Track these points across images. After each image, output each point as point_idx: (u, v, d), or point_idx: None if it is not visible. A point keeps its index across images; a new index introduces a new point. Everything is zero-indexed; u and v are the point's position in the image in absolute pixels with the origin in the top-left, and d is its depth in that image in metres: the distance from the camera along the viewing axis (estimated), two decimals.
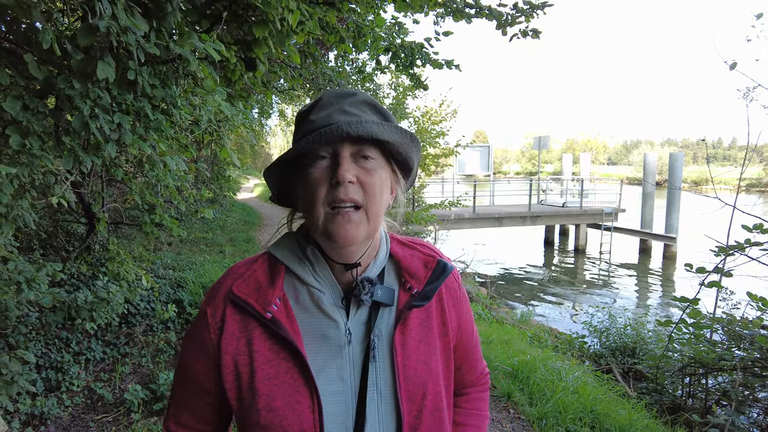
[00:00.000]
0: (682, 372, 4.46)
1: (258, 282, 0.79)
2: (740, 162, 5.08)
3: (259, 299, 0.77)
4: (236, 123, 3.12)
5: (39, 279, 2.76)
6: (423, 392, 0.80)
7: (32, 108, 1.72)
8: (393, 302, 0.82)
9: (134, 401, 3.13)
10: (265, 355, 0.75)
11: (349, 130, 0.71)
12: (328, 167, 0.75)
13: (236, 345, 0.76)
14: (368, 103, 0.80)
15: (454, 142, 11.35)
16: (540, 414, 3.29)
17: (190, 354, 0.82)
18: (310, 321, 0.78)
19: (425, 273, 0.85)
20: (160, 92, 2.11)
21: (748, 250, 3.80)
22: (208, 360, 0.79)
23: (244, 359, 0.76)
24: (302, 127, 0.79)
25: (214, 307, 0.79)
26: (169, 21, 1.93)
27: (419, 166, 9.12)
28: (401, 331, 0.81)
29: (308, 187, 0.75)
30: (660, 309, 10.52)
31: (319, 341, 0.77)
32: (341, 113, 0.76)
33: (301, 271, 0.80)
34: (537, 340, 5.81)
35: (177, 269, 5.72)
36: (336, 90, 0.81)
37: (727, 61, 4.24)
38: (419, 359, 0.81)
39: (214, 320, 0.78)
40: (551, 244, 18.54)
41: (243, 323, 0.77)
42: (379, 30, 4.06)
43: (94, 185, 4.30)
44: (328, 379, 0.76)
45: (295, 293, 0.80)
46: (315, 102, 0.81)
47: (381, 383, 0.77)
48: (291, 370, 0.75)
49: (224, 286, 0.81)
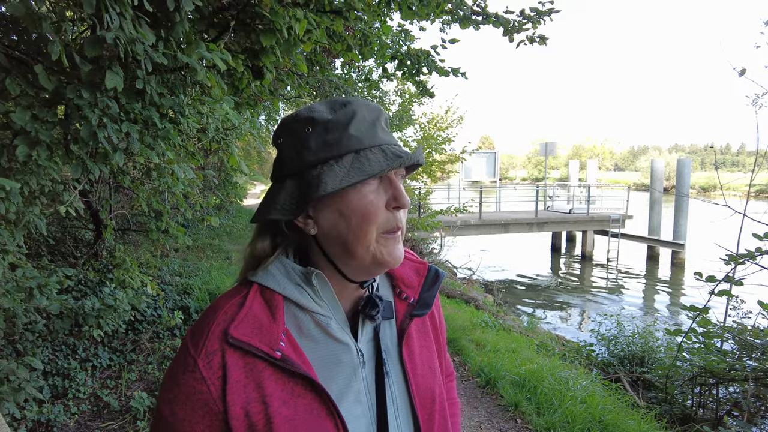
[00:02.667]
0: (693, 382, 4.40)
1: (258, 320, 0.69)
2: (749, 168, 5.04)
3: (263, 339, 0.68)
4: (243, 131, 3.13)
5: (50, 285, 2.78)
6: (432, 396, 0.82)
7: (41, 118, 1.73)
8: (392, 314, 0.81)
9: (140, 409, 3.13)
10: (279, 397, 0.67)
11: (419, 159, 0.72)
12: (380, 189, 0.72)
13: (245, 393, 0.66)
14: (387, 120, 0.80)
15: (460, 149, 11.34)
16: (548, 424, 3.25)
17: (181, 414, 0.66)
18: (319, 349, 0.73)
19: (418, 280, 0.85)
20: (167, 101, 2.12)
21: (759, 259, 3.75)
22: (209, 418, 0.66)
23: (257, 406, 0.66)
24: (341, 138, 0.70)
25: (207, 356, 0.67)
26: (177, 31, 1.94)
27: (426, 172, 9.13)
28: (406, 341, 0.81)
29: (357, 210, 0.69)
30: (669, 317, 10.42)
31: (332, 368, 0.73)
32: (383, 131, 0.74)
33: (302, 299, 0.73)
34: (544, 349, 5.75)
35: (184, 276, 5.74)
36: (362, 101, 0.75)
37: (735, 68, 4.22)
38: (425, 365, 0.83)
39: (211, 371, 0.66)
40: (558, 251, 18.44)
41: (248, 368, 0.67)
42: (385, 38, 4.07)
43: (101, 192, 4.33)
44: (349, 405, 0.72)
45: (297, 324, 0.73)
46: (346, 112, 0.72)
47: (397, 397, 0.78)
48: (309, 405, 0.69)
49: (216, 330, 0.68)
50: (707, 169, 75.88)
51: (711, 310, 4.12)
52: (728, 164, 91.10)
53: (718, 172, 5.69)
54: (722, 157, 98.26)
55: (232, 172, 9.14)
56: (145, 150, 2.12)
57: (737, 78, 4.37)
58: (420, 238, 11.03)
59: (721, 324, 4.32)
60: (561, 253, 18.42)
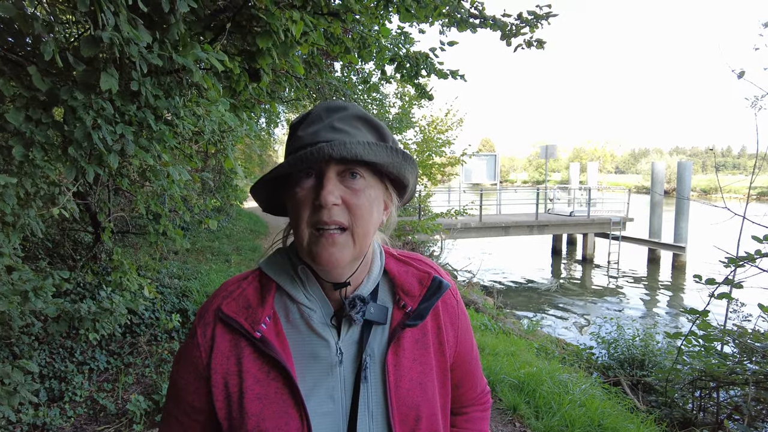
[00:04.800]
0: (693, 385, 4.37)
1: (247, 300, 0.77)
2: (750, 170, 5.02)
3: (248, 318, 0.74)
4: (240, 134, 3.12)
5: (45, 288, 2.76)
6: (416, 414, 0.77)
7: (35, 119, 1.72)
8: (386, 321, 0.79)
9: (137, 412, 3.11)
10: (254, 375, 0.73)
11: (332, 153, 0.67)
12: (312, 187, 0.71)
13: (226, 364, 0.74)
14: (360, 117, 0.76)
15: (460, 151, 11.35)
16: (546, 428, 3.23)
17: (181, 373, 0.79)
18: (300, 340, 0.76)
19: (420, 290, 0.82)
20: (163, 103, 2.11)
21: (759, 262, 3.73)
22: (198, 379, 0.76)
23: (234, 379, 0.74)
24: (291, 142, 0.76)
25: (204, 326, 0.77)
26: (173, 32, 1.94)
27: (426, 175, 9.06)
28: (394, 350, 0.78)
29: (293, 207, 0.73)
30: (669, 320, 10.39)
31: (310, 361, 0.75)
32: (330, 130, 0.72)
33: (292, 289, 0.78)
34: (544, 352, 5.73)
35: (182, 278, 5.73)
36: (327, 103, 0.77)
37: (735, 70, 4.21)
38: (413, 380, 0.78)
39: (204, 339, 0.76)
40: (559, 254, 18.41)
41: (233, 342, 0.75)
42: (384, 40, 4.07)
43: (100, 194, 4.32)
44: (319, 400, 0.74)
45: (286, 311, 0.78)
46: (305, 115, 0.77)
47: (372, 404, 0.75)
48: (280, 390, 0.73)
49: (214, 305, 0.78)
50: (708, 172, 75.81)
51: (711, 313, 4.10)
52: (729, 167, 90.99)
53: (719, 175, 5.69)
54: (723, 159, 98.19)
55: (232, 175, 9.14)
56: (139, 152, 2.11)
57: (737, 80, 4.37)
58: (420, 240, 11.02)
59: (722, 327, 4.30)
60: (562, 256, 18.38)
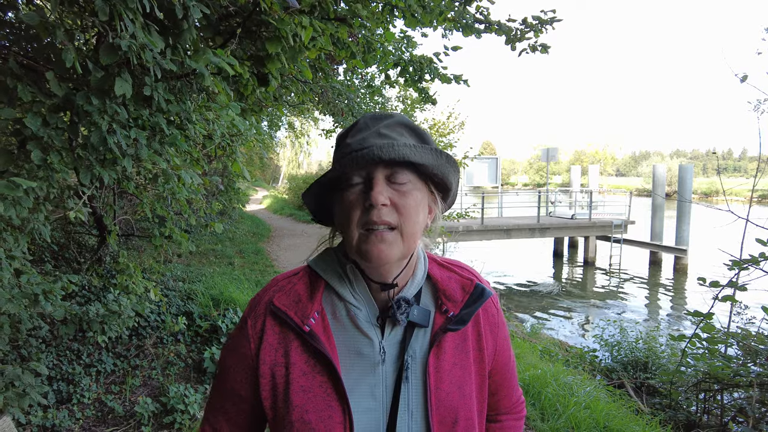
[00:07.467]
0: (697, 388, 4.38)
1: (297, 295, 0.81)
2: (751, 173, 5.04)
3: (298, 312, 0.78)
4: (248, 137, 3.15)
5: (55, 291, 2.78)
6: (455, 417, 0.80)
7: (52, 124, 1.75)
8: (428, 324, 0.81)
9: (144, 414, 3.13)
10: (300, 368, 0.77)
11: (381, 154, 0.71)
12: (362, 191, 0.75)
13: (274, 356, 0.78)
14: (404, 124, 0.81)
15: (461, 154, 11.37)
16: (552, 430, 3.24)
17: (230, 362, 0.83)
18: (346, 337, 0.79)
19: (462, 296, 0.84)
20: (175, 107, 2.14)
21: (762, 264, 3.75)
22: (246, 369, 0.80)
23: (281, 370, 0.77)
24: (339, 150, 0.80)
25: (255, 318, 0.81)
26: (185, 38, 1.96)
27: None
28: (436, 353, 0.80)
29: (344, 209, 0.76)
30: (672, 322, 10.38)
31: (354, 357, 0.78)
32: (376, 136, 0.76)
33: (340, 288, 0.81)
34: (548, 354, 5.74)
35: (187, 281, 5.75)
36: (373, 113, 0.82)
37: (737, 74, 4.24)
38: (453, 383, 0.81)
39: (254, 331, 0.80)
40: (560, 257, 18.39)
41: (282, 335, 0.79)
42: (388, 44, 4.10)
43: (106, 198, 4.35)
44: (361, 396, 0.76)
45: (333, 308, 0.81)
46: (353, 125, 0.82)
47: (413, 404, 0.78)
48: (325, 384, 0.76)
49: (265, 298, 0.82)
50: (709, 175, 75.77)
51: (714, 316, 4.11)
52: (730, 169, 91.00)
53: (721, 178, 5.68)
54: (724, 162, 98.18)
55: (235, 178, 9.17)
56: (152, 156, 2.13)
57: (739, 84, 4.39)
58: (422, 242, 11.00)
59: (725, 329, 4.31)
60: (563, 259, 18.36)
